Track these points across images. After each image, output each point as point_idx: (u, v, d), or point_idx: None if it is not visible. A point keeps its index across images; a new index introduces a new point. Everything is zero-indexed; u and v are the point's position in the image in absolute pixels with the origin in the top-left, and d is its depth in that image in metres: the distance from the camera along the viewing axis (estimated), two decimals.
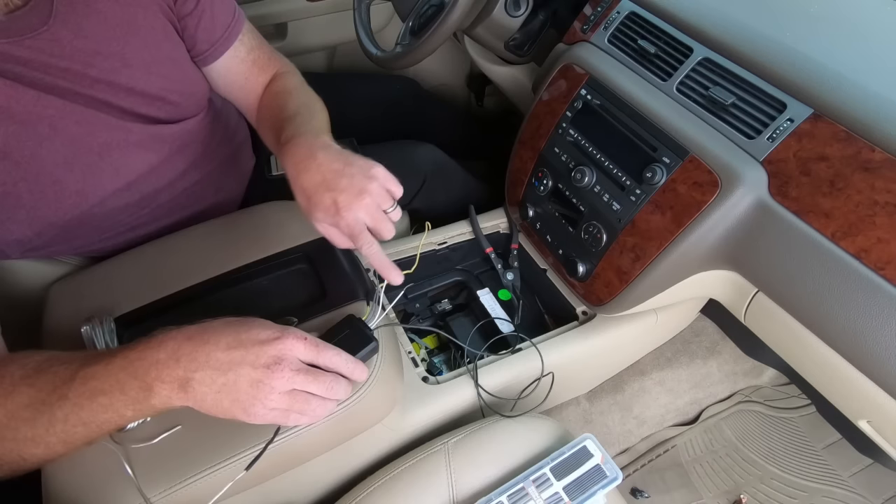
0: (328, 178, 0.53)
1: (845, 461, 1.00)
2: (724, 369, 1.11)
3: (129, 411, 0.44)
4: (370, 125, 1.10)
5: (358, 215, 0.53)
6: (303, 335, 0.46)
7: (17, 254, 0.63)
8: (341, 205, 0.52)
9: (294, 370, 0.45)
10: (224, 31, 0.67)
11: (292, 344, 0.45)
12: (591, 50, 0.80)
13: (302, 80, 0.73)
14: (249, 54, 0.71)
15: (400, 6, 0.92)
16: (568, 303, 0.90)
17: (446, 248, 0.96)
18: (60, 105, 0.56)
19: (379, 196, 0.54)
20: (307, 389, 0.46)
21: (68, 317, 0.64)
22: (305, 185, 0.54)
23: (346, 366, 0.49)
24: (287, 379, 0.44)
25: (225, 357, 0.44)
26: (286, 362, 0.44)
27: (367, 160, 0.56)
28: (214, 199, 0.81)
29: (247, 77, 0.71)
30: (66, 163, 0.58)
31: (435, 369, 0.85)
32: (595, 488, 0.60)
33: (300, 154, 0.56)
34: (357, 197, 0.52)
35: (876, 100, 0.55)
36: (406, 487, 0.62)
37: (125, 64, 0.59)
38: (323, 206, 0.53)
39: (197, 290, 0.66)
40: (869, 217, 0.53)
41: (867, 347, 0.54)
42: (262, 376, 0.43)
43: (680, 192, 0.66)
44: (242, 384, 0.43)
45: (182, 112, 0.68)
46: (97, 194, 0.62)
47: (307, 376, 0.45)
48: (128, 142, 0.62)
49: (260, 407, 0.44)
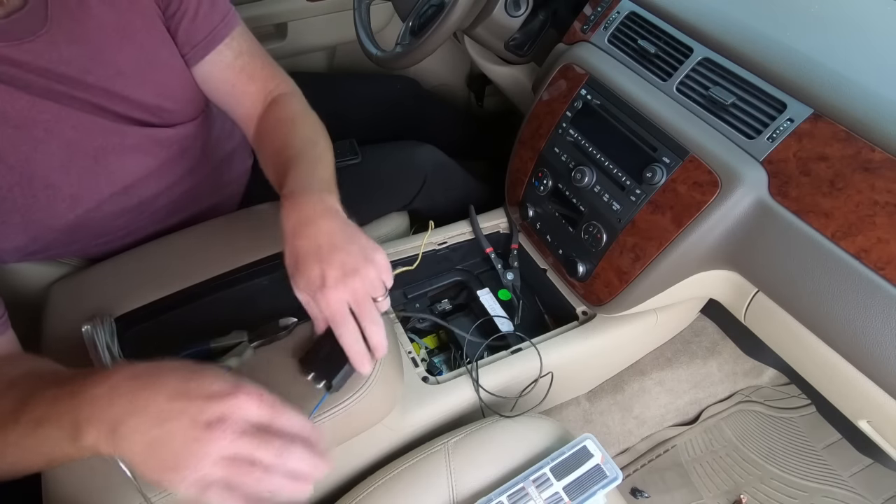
0: (323, 248, 0.49)
1: (845, 461, 1.00)
2: (724, 369, 1.11)
3: (67, 447, 0.39)
4: (370, 125, 1.10)
5: (342, 297, 0.48)
6: (259, 393, 0.40)
7: (14, 259, 0.63)
8: (328, 281, 0.48)
9: (238, 433, 0.37)
10: (208, 34, 0.64)
11: (243, 402, 0.38)
12: (591, 50, 0.80)
13: (305, 105, 0.69)
14: (236, 60, 0.66)
15: (400, 6, 0.92)
16: (568, 303, 0.90)
17: (446, 248, 0.96)
18: (56, 110, 0.55)
19: (371, 282, 0.50)
20: (253, 455, 0.38)
21: (68, 317, 0.64)
22: (298, 248, 0.50)
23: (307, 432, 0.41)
24: (228, 442, 0.37)
25: (165, 406, 0.38)
26: (231, 423, 0.37)
27: (371, 242, 0.53)
28: (212, 200, 0.81)
29: (233, 84, 0.67)
30: (61, 167, 0.57)
31: (435, 369, 0.85)
32: (595, 488, 0.60)
33: (302, 215, 0.52)
34: (347, 277, 0.48)
35: (876, 100, 0.55)
36: (406, 487, 0.62)
37: (119, 72, 0.58)
38: (309, 276, 0.49)
39: (197, 289, 0.66)
40: (869, 217, 0.53)
41: (867, 347, 0.54)
42: (200, 435, 0.37)
43: (680, 192, 0.66)
44: (177, 441, 0.37)
45: (179, 117, 0.67)
46: (93, 198, 0.62)
47: (253, 440, 0.38)
48: (124, 146, 0.62)
49: (191, 471, 0.36)
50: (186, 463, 0.36)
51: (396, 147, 1.02)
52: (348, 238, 0.51)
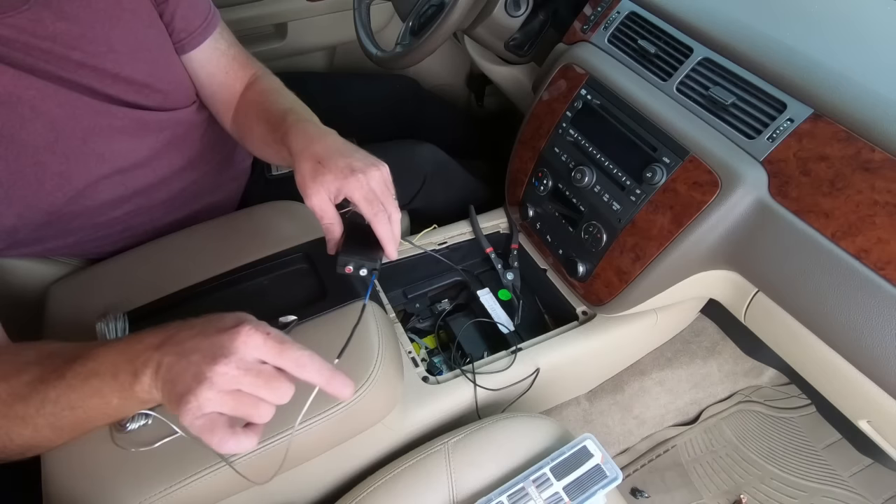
0: (343, 150, 0.54)
1: (845, 461, 1.00)
2: (724, 369, 1.11)
3: (115, 398, 0.42)
4: (370, 125, 1.10)
5: (371, 183, 0.52)
6: (266, 329, 0.40)
7: (4, 245, 0.62)
8: (357, 168, 0.52)
9: (244, 369, 0.38)
10: (203, 22, 0.67)
11: (248, 337, 0.39)
12: (591, 50, 0.80)
13: (282, 83, 0.73)
14: (230, 49, 0.71)
15: (400, 6, 0.92)
16: (568, 303, 0.90)
17: (446, 248, 0.96)
18: (42, 87, 0.55)
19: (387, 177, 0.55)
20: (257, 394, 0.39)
21: (68, 317, 0.64)
22: (318, 151, 0.54)
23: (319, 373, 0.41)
24: (232, 377, 0.38)
25: (189, 343, 0.40)
26: (234, 358, 0.38)
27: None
28: (211, 198, 0.81)
29: (227, 71, 0.71)
30: (48, 146, 0.57)
31: (435, 369, 0.85)
32: (595, 488, 0.60)
33: (312, 131, 0.57)
34: (369, 167, 0.53)
35: (876, 100, 0.55)
36: (406, 487, 0.62)
37: (111, 49, 0.59)
38: (336, 167, 0.52)
39: (197, 289, 0.66)
40: (869, 217, 0.53)
41: (867, 347, 0.54)
42: (205, 369, 0.38)
43: (680, 192, 0.66)
44: (188, 375, 0.38)
45: (170, 101, 0.67)
46: (81, 179, 0.61)
47: (257, 378, 0.39)
48: (112, 127, 0.62)
49: (193, 403, 0.37)
50: (189, 396, 0.37)
51: (396, 147, 1.02)
52: (355, 148, 0.56)
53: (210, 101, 0.73)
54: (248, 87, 0.72)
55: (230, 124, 0.74)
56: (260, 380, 0.39)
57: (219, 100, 0.73)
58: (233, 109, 0.73)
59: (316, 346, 0.58)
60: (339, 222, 0.55)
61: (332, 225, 0.55)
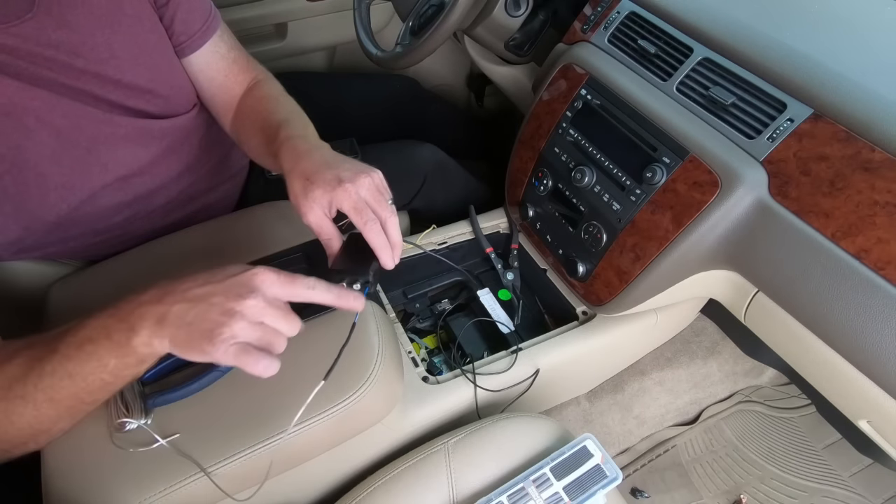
0: (330, 162, 0.54)
1: (845, 461, 1.00)
2: (724, 369, 1.11)
3: (111, 359, 0.44)
4: (370, 125, 1.09)
5: (361, 188, 0.52)
6: (276, 270, 0.45)
7: (10, 254, 0.63)
8: (344, 176, 0.52)
9: (267, 302, 0.43)
10: (202, 24, 0.67)
11: (265, 276, 0.44)
12: (591, 50, 0.80)
13: (283, 88, 0.73)
14: (230, 52, 0.71)
15: (400, 6, 0.92)
16: (568, 303, 0.90)
17: (446, 248, 0.96)
18: (46, 97, 0.55)
19: (379, 182, 0.54)
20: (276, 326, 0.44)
21: (68, 317, 0.63)
22: (306, 167, 0.53)
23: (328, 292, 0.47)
24: (260, 309, 0.43)
25: (200, 290, 0.44)
26: (259, 293, 0.43)
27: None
28: (209, 199, 0.81)
29: (226, 74, 0.71)
30: (52, 156, 0.57)
31: (435, 369, 0.85)
32: (595, 488, 0.60)
33: (301, 148, 0.56)
34: (358, 176, 0.52)
35: (876, 100, 0.55)
36: (406, 487, 0.62)
37: (112, 55, 0.59)
38: (323, 181, 0.52)
39: None
40: (869, 217, 0.53)
41: (867, 347, 0.54)
42: (235, 304, 0.42)
43: (680, 192, 0.66)
44: (214, 313, 0.42)
45: (172, 107, 0.67)
46: (84, 189, 0.61)
47: (277, 311, 0.44)
48: (115, 136, 0.62)
49: (227, 333, 0.41)
50: (222, 328, 0.41)
51: (396, 146, 1.02)
52: (346, 158, 0.56)
53: (209, 103, 0.73)
54: (248, 93, 0.72)
55: (229, 127, 0.74)
56: (280, 312, 0.44)
57: (218, 103, 0.73)
58: (232, 112, 0.73)
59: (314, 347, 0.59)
60: (338, 236, 0.54)
61: (329, 240, 0.54)
